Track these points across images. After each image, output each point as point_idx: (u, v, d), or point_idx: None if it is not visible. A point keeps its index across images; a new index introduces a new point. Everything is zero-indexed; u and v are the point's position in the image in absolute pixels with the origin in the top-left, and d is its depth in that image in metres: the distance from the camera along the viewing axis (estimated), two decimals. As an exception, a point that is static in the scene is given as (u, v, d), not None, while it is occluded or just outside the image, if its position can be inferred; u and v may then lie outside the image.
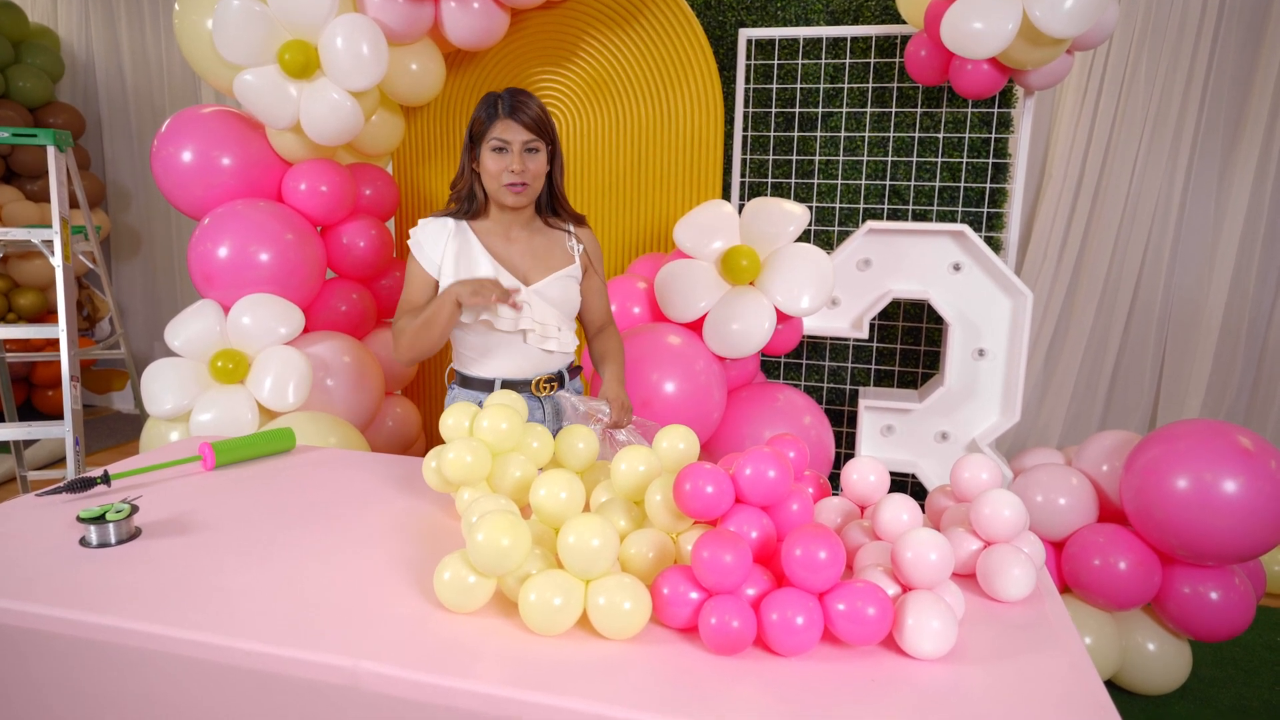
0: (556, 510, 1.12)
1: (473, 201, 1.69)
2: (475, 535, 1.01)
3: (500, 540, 1.00)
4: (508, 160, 1.60)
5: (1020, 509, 1.13)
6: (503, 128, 1.59)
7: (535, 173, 1.63)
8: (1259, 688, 2.24)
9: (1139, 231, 3.48)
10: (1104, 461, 2.15)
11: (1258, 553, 1.86)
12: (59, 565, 1.17)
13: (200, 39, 2.45)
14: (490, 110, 1.61)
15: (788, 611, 0.95)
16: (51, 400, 4.51)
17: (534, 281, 1.70)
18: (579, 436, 1.38)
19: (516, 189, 1.62)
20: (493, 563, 1.01)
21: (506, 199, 1.64)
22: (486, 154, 1.62)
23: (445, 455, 1.24)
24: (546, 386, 1.73)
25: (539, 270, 1.71)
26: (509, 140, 1.59)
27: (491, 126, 1.60)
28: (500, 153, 1.60)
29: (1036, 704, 0.88)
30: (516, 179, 1.61)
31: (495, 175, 1.62)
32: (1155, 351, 3.59)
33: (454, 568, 1.05)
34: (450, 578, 1.04)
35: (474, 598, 1.05)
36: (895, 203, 2.95)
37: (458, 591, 1.04)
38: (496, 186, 1.63)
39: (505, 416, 1.29)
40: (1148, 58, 3.35)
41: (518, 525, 1.02)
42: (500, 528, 1.00)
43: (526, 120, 1.59)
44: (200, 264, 2.46)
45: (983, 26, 2.19)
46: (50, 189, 2.69)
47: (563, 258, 1.74)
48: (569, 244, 1.76)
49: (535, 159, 1.63)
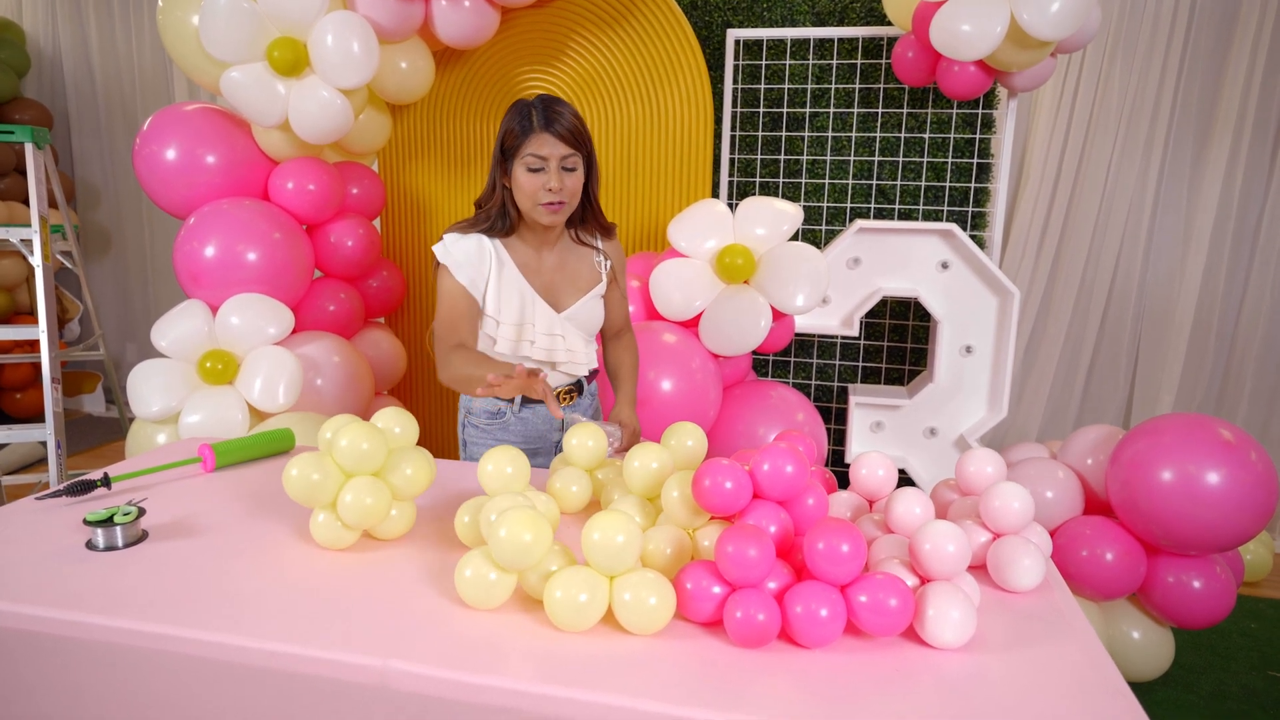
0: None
1: (505, 219, 1.58)
2: (498, 531, 1.01)
3: (522, 536, 1.01)
4: (544, 179, 1.50)
5: (1028, 501, 1.16)
6: (538, 143, 1.48)
7: (573, 190, 1.53)
8: (1237, 673, 2.31)
9: (1114, 230, 3.57)
10: (1089, 455, 2.20)
11: (1239, 542, 1.92)
12: (68, 569, 1.15)
13: (185, 35, 2.41)
14: (524, 123, 1.49)
15: (812, 604, 0.97)
16: (20, 404, 4.40)
17: (566, 306, 1.64)
18: (588, 434, 1.38)
19: (554, 208, 1.52)
20: (515, 558, 1.01)
21: (542, 219, 1.54)
22: (520, 171, 1.51)
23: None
24: (566, 397, 1.71)
25: (570, 293, 1.65)
26: (545, 156, 1.49)
27: (525, 141, 1.49)
28: (536, 171, 1.50)
29: (1057, 690, 0.90)
30: (554, 198, 1.51)
31: (530, 194, 1.51)
32: (1130, 346, 3.68)
33: (475, 565, 1.05)
34: (471, 575, 1.05)
35: (495, 594, 1.05)
36: (881, 202, 2.99)
37: (479, 588, 1.04)
38: (531, 205, 1.53)
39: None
40: (1121, 60, 3.44)
41: (539, 521, 1.03)
42: (522, 523, 1.01)
43: (563, 133, 1.48)
44: (186, 263, 2.43)
45: (971, 29, 2.23)
46: (29, 187, 2.64)
47: (591, 277, 1.68)
48: (596, 260, 1.70)
49: (573, 176, 1.52)
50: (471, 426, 1.72)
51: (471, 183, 3.14)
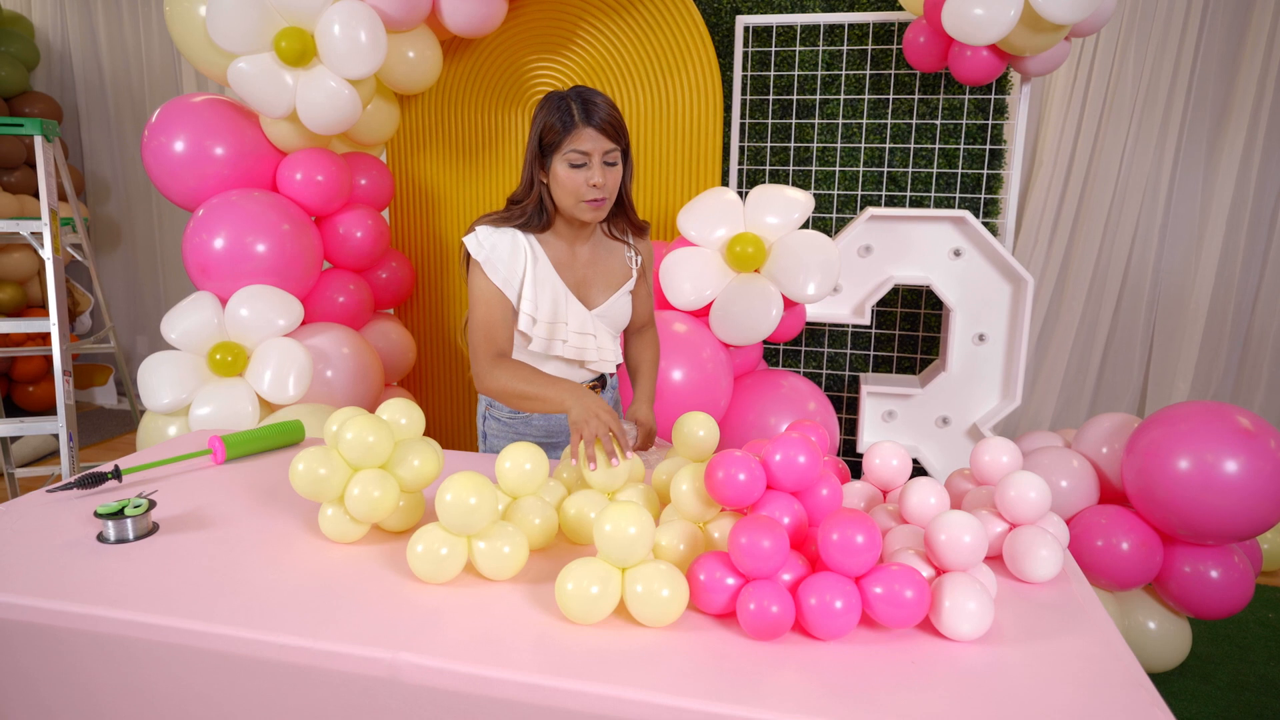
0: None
1: (541, 216, 1.53)
2: (444, 496, 1.07)
3: (468, 499, 1.05)
4: (587, 174, 1.46)
5: (1045, 491, 1.14)
6: (581, 138, 1.43)
7: (614, 185, 1.50)
8: (1255, 663, 2.28)
9: (1128, 216, 3.52)
10: (1104, 444, 2.18)
11: (1258, 531, 1.90)
12: (80, 561, 1.15)
13: (193, 26, 2.40)
14: (565, 117, 1.44)
15: (826, 595, 0.96)
16: (32, 396, 4.43)
17: (597, 303, 1.62)
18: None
19: (597, 205, 1.48)
20: (461, 522, 1.06)
21: (585, 215, 1.50)
22: (562, 167, 1.46)
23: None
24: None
25: (602, 290, 1.62)
26: (588, 152, 1.44)
27: (568, 136, 1.44)
28: (579, 167, 1.46)
29: (1076, 682, 0.89)
30: (599, 194, 1.47)
31: (572, 191, 1.47)
32: (1144, 334, 3.64)
33: (426, 539, 1.09)
34: (423, 550, 1.08)
35: (446, 568, 1.08)
36: (892, 189, 2.96)
37: (430, 562, 1.08)
38: (574, 202, 1.48)
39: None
40: (1136, 44, 3.39)
41: (484, 484, 1.07)
42: (468, 487, 1.06)
43: (605, 127, 1.44)
44: (195, 255, 2.43)
45: (984, 13, 2.20)
46: (39, 180, 2.63)
47: (623, 273, 1.66)
48: (628, 255, 1.67)
49: (614, 171, 1.49)
50: (493, 420, 1.71)
51: (481, 173, 3.13)
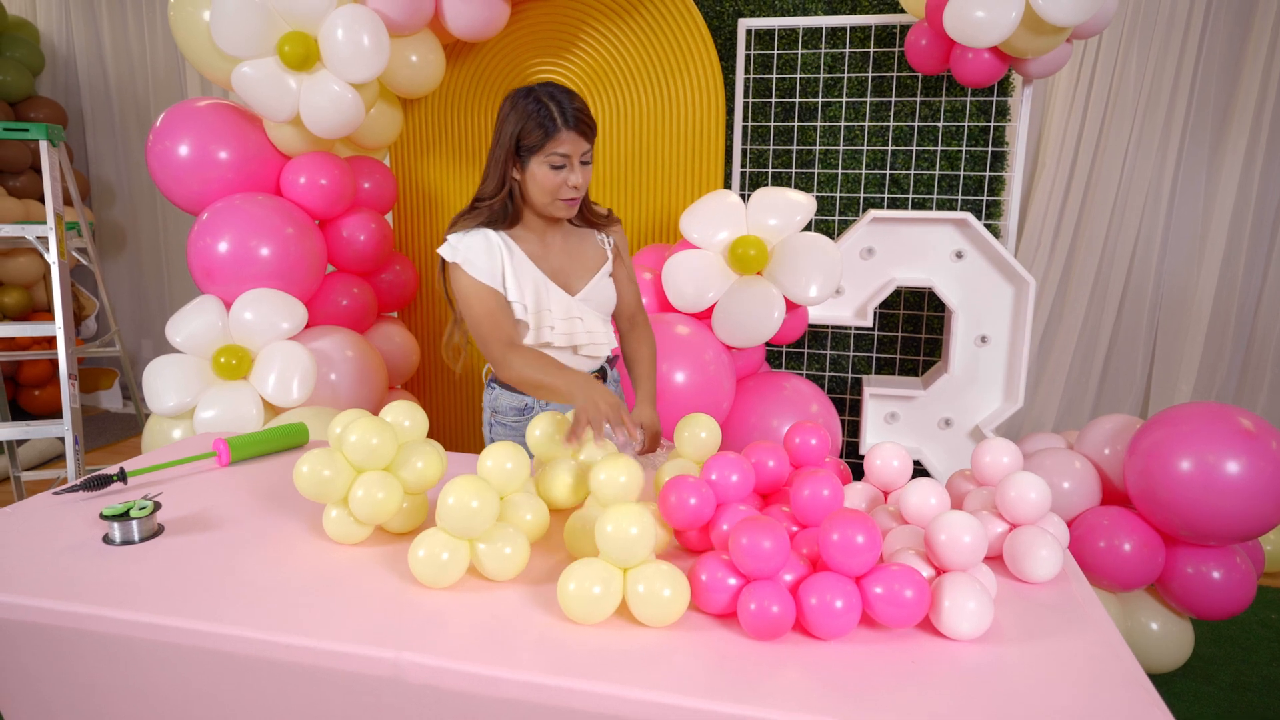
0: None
1: (508, 212, 1.56)
2: (446, 499, 1.06)
3: (470, 502, 1.04)
4: (567, 175, 1.49)
5: (1045, 491, 1.14)
6: (563, 141, 1.46)
7: (588, 182, 1.55)
8: (1257, 664, 2.28)
9: (1130, 218, 3.52)
10: (1106, 445, 2.18)
11: (1260, 532, 1.90)
12: (86, 563, 1.16)
13: (197, 31, 2.42)
14: (547, 121, 1.46)
15: (827, 595, 0.96)
16: (39, 400, 4.44)
17: (578, 289, 1.63)
18: (621, 470, 1.20)
19: (572, 203, 1.53)
20: (463, 525, 1.05)
21: (559, 212, 1.54)
22: (541, 169, 1.49)
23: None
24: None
25: (581, 275, 1.64)
26: (569, 154, 1.48)
27: (551, 140, 1.46)
28: (559, 168, 1.49)
29: (1075, 682, 0.89)
30: (576, 194, 1.52)
31: (550, 190, 1.50)
32: (1147, 336, 3.63)
33: (428, 544, 1.08)
34: (425, 554, 1.07)
35: (448, 573, 1.08)
36: (894, 192, 2.96)
37: (432, 567, 1.07)
38: (549, 200, 1.52)
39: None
40: (1138, 46, 3.39)
41: (486, 488, 1.07)
42: (470, 490, 1.05)
43: (585, 130, 1.48)
44: (200, 259, 2.44)
45: (985, 15, 2.21)
46: (44, 184, 2.65)
47: (597, 256, 1.68)
48: (599, 239, 1.70)
49: (589, 169, 1.54)
50: (499, 425, 1.72)
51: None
